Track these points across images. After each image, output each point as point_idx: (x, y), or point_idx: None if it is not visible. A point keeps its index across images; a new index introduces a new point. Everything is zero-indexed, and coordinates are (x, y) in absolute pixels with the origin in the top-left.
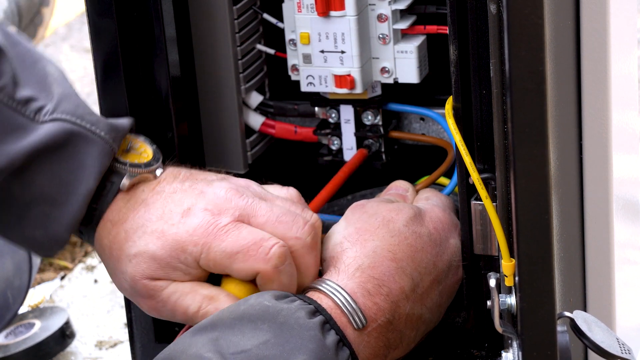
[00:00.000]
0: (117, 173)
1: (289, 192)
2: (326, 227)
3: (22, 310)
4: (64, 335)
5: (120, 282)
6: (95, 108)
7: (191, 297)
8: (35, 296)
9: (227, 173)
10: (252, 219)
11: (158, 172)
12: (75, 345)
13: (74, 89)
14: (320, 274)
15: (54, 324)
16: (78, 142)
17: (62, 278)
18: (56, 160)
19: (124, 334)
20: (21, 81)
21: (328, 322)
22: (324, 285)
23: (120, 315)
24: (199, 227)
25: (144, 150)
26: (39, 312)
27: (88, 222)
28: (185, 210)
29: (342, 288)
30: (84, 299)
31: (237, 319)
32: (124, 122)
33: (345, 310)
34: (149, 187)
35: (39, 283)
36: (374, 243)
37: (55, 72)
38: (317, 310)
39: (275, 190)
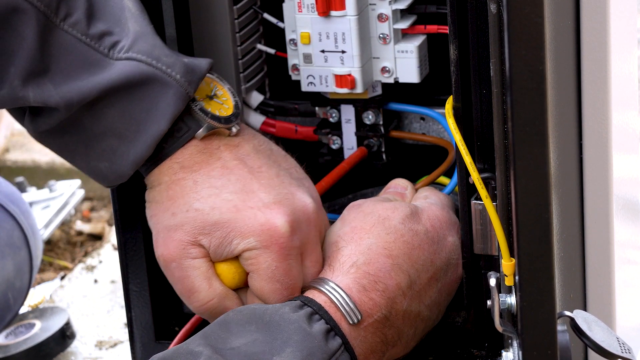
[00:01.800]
0: (194, 119)
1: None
2: None
3: (23, 310)
4: (64, 335)
5: (160, 217)
6: None
7: (206, 284)
8: (35, 296)
9: None
10: (304, 255)
11: (234, 129)
12: (75, 346)
13: (151, 27)
14: None
15: (54, 324)
16: (153, 84)
17: (62, 278)
18: (129, 99)
19: (124, 334)
20: (96, 13)
21: (317, 313)
22: (318, 282)
23: (120, 315)
24: (273, 230)
25: (226, 101)
26: (39, 312)
27: (152, 159)
28: (270, 202)
29: (336, 285)
30: (84, 299)
31: (223, 322)
32: (202, 64)
33: (339, 306)
34: (225, 146)
35: (39, 283)
36: (369, 240)
37: (133, 7)
38: (305, 303)
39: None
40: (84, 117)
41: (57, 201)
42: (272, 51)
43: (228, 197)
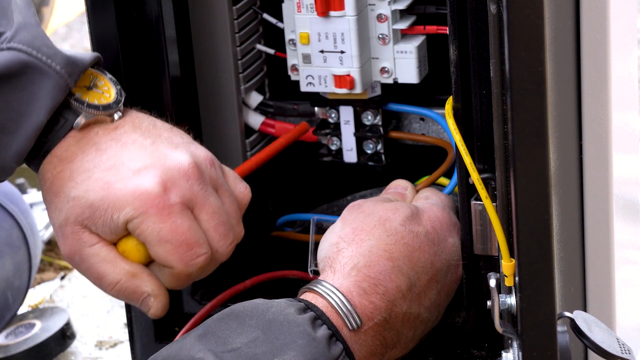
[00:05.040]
0: (72, 110)
1: (244, 194)
2: (324, 228)
3: (23, 310)
4: (65, 335)
5: (53, 217)
6: None
7: (111, 267)
8: (35, 296)
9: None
10: (196, 209)
11: (116, 115)
12: (75, 346)
13: (36, 18)
14: (318, 273)
15: (55, 325)
16: (32, 74)
17: (62, 278)
18: (9, 89)
19: (124, 334)
20: None
21: (320, 318)
22: (318, 286)
23: (120, 315)
24: (145, 194)
25: (107, 90)
26: (39, 312)
27: (36, 155)
28: (139, 168)
29: (336, 289)
30: (84, 299)
31: (225, 315)
32: (85, 57)
33: (339, 311)
34: (104, 130)
35: (39, 283)
36: (370, 242)
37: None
38: (308, 307)
39: (232, 180)
40: None
41: None
42: (271, 51)
43: (99, 176)
